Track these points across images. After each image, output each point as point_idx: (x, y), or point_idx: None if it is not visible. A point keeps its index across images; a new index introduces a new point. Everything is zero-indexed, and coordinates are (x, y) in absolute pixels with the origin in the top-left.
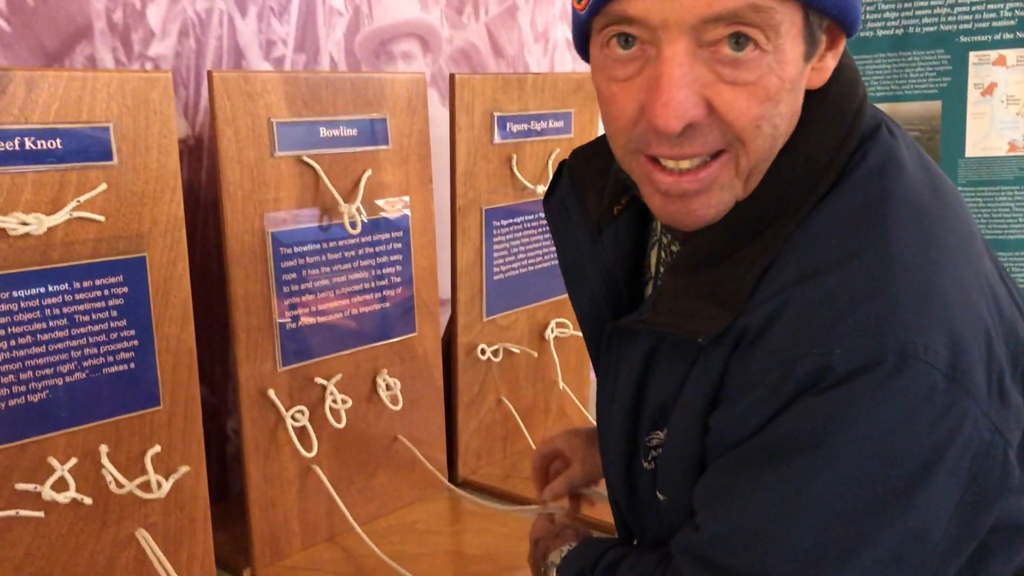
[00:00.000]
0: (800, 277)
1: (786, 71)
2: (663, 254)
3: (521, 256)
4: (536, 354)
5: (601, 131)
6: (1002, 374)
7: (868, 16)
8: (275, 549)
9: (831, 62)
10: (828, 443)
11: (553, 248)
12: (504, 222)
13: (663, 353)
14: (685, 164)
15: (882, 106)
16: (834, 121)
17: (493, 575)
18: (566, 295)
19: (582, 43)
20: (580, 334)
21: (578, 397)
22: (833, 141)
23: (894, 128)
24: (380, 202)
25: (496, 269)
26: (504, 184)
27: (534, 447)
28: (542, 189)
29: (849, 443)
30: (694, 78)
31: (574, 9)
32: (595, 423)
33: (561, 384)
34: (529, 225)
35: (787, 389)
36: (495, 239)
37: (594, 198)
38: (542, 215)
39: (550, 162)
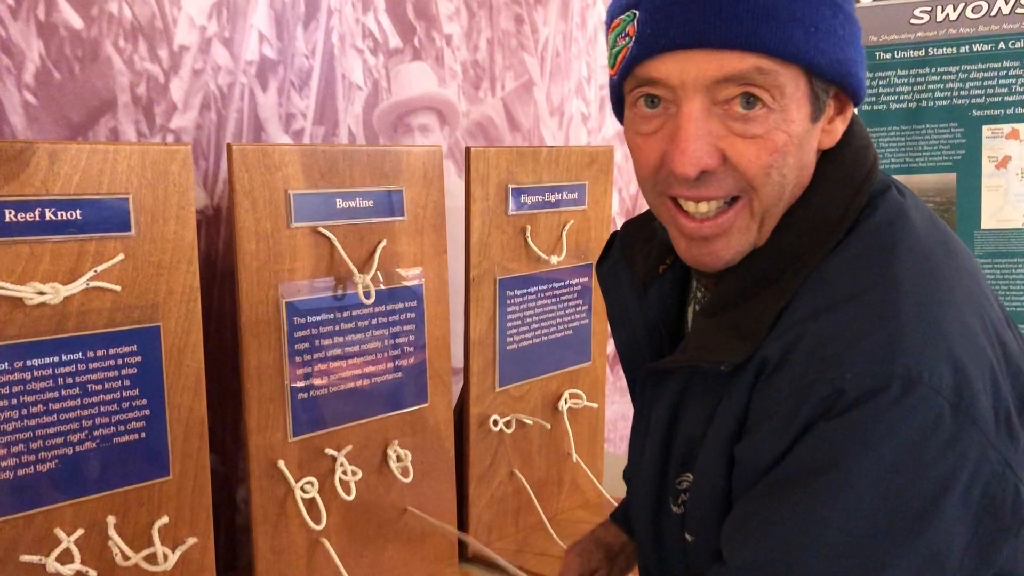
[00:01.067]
0: (814, 312)
1: (792, 128)
2: (697, 307)
3: (535, 326)
4: (549, 426)
5: (617, 203)
6: (1008, 412)
7: (881, 89)
8: None
9: (840, 126)
10: (842, 466)
11: (566, 319)
12: (518, 292)
13: (693, 392)
14: (704, 208)
15: (897, 178)
16: (846, 179)
17: None
18: (580, 366)
19: (617, 106)
20: (594, 406)
21: (591, 470)
22: (845, 197)
23: (904, 190)
24: (395, 272)
25: (510, 339)
26: (518, 255)
27: (547, 521)
28: (556, 259)
29: (862, 466)
30: (708, 131)
31: (609, 76)
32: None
33: (575, 456)
34: (543, 295)
35: (803, 414)
36: (509, 309)
37: (641, 261)
38: (556, 285)
39: (564, 232)
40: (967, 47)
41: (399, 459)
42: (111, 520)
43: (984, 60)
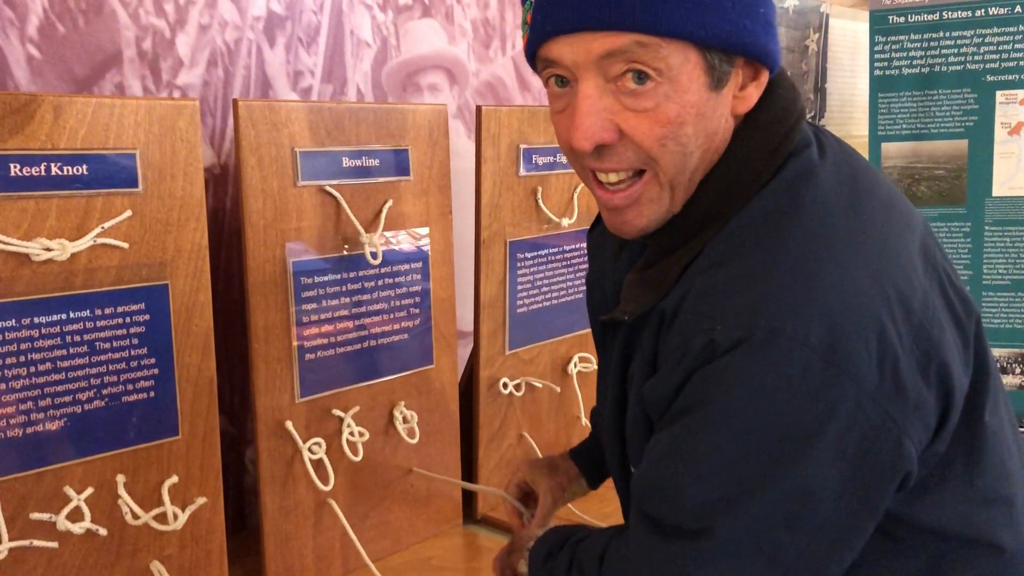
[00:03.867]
0: (705, 268)
1: (686, 98)
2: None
3: (545, 289)
4: (559, 388)
5: None
6: (896, 367)
7: (894, 54)
8: None
9: (754, 91)
10: (707, 405)
11: (577, 282)
12: (528, 255)
13: (637, 340)
14: (613, 178)
15: (907, 144)
16: (761, 142)
17: None
18: (589, 330)
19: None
20: None
21: None
22: (760, 159)
23: (828, 147)
24: (400, 233)
25: (520, 302)
26: (529, 217)
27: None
28: (567, 222)
29: (729, 404)
30: (603, 107)
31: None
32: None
33: (584, 419)
34: (553, 258)
35: (687, 362)
36: (519, 272)
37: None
38: (567, 248)
39: (575, 195)
40: (982, 10)
41: (405, 420)
42: (121, 479)
43: (1000, 24)
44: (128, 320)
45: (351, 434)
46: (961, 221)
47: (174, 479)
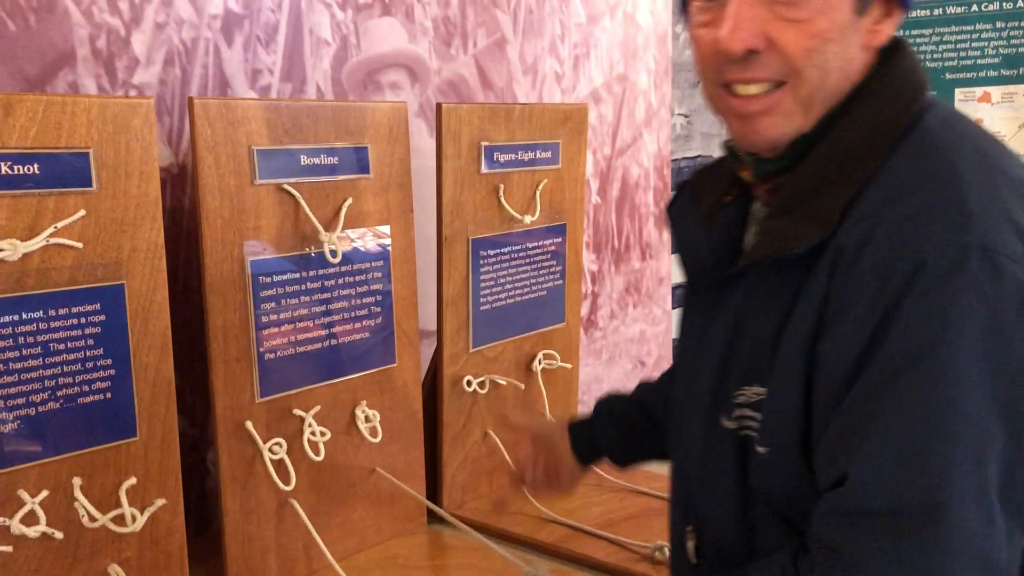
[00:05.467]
0: (886, 200)
1: (835, 15)
2: (756, 228)
3: (508, 287)
4: (523, 386)
5: (591, 165)
6: None
7: None
8: None
9: (887, 29)
10: (941, 343)
11: (540, 279)
12: (491, 252)
13: (759, 296)
14: (753, 89)
15: None
16: (904, 85)
17: None
18: (554, 327)
19: (682, 6)
20: (568, 366)
21: None
22: (903, 101)
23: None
24: (360, 231)
25: (483, 299)
26: (491, 214)
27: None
28: (530, 219)
29: (961, 341)
30: (754, 15)
31: None
32: None
33: (548, 416)
34: (516, 256)
35: (888, 292)
36: (482, 269)
37: (708, 196)
38: (529, 245)
39: (537, 192)
40: (940, 9)
41: (367, 419)
42: (77, 481)
43: (957, 23)
44: (83, 321)
45: (312, 434)
46: None
47: (132, 481)
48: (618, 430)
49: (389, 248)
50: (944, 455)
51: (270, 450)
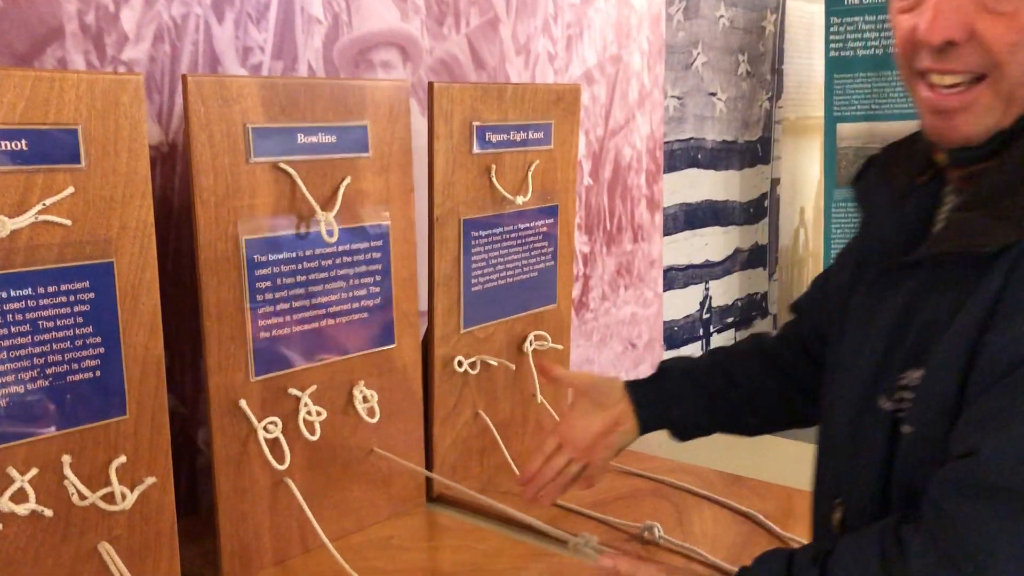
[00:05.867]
0: None
1: None
2: (948, 210)
3: (500, 267)
4: (514, 367)
5: (583, 146)
6: None
7: (848, 36)
8: (245, 563)
9: None
10: None
11: (531, 260)
12: (483, 233)
13: (935, 285)
14: (948, 80)
15: (861, 125)
16: None
17: None
18: (545, 308)
19: None
20: (559, 347)
21: (556, 411)
22: None
23: None
24: (359, 211)
25: (474, 280)
26: (483, 195)
27: (511, 462)
28: (522, 200)
29: None
30: (958, 5)
31: None
32: None
33: (539, 398)
34: (508, 236)
35: None
36: (473, 250)
37: (900, 174)
38: (521, 226)
39: (530, 173)
40: None
41: (365, 400)
42: (66, 459)
43: None
44: (72, 298)
45: (308, 413)
46: None
47: (122, 459)
48: (696, 394)
49: (388, 228)
50: None
51: (265, 429)
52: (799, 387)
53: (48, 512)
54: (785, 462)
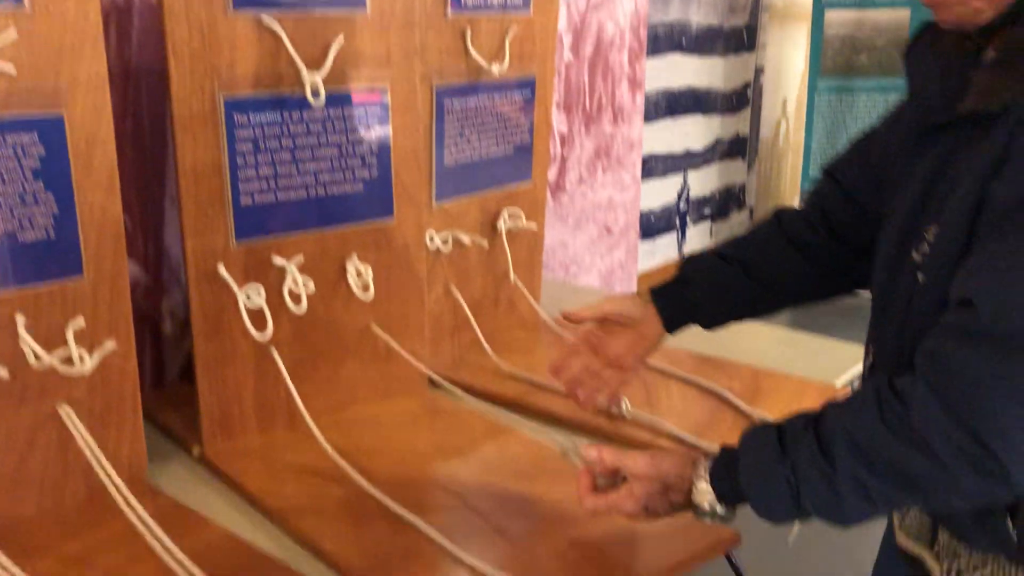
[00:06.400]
0: None
1: None
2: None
3: (474, 140)
4: (487, 245)
5: (564, 19)
6: None
7: None
8: (227, 429)
9: None
10: None
11: (507, 134)
12: (456, 102)
13: (961, 145)
14: None
15: (849, 13)
16: None
17: (450, 476)
18: (520, 185)
19: None
20: (533, 226)
21: (528, 290)
22: None
23: None
24: (354, 73)
25: (447, 152)
26: (457, 61)
27: (483, 339)
28: (497, 68)
29: None
30: None
31: None
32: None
33: (512, 277)
34: (483, 107)
35: None
36: (446, 120)
37: (949, 41)
38: (497, 97)
39: (507, 41)
40: None
41: (359, 274)
42: (20, 319)
43: None
44: (20, 152)
45: (294, 283)
46: (899, 93)
47: (80, 322)
48: (716, 295)
49: (388, 94)
50: None
51: (246, 295)
52: (818, 265)
53: (3, 372)
54: (755, 343)
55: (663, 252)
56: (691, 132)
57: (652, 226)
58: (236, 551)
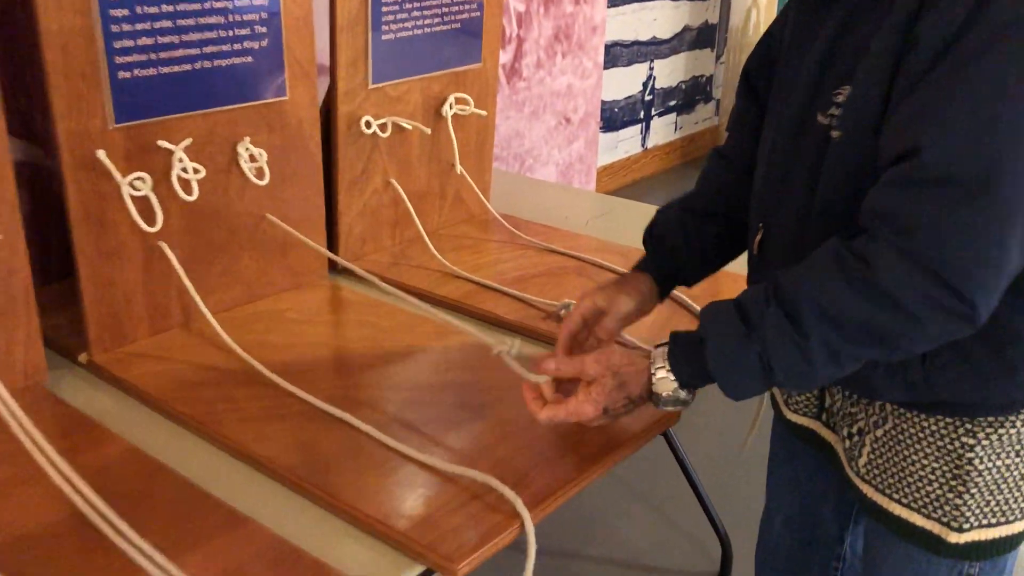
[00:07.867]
0: None
1: None
2: None
3: (416, 14)
4: (430, 131)
5: None
6: None
7: None
8: (116, 333)
9: None
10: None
11: (454, 8)
12: None
13: (863, 8)
14: None
15: None
16: None
17: (360, 370)
18: (469, 67)
19: None
20: (483, 113)
21: (477, 183)
22: None
23: None
24: None
25: (385, 27)
26: None
27: (424, 235)
28: None
29: None
30: None
31: None
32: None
33: (459, 168)
34: None
35: None
36: None
37: None
38: None
39: None
40: None
41: (253, 159)
42: None
43: None
44: None
45: (184, 170)
46: None
47: None
48: (691, 253)
49: None
50: (1007, 134)
51: (131, 185)
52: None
53: None
54: None
55: (625, 146)
56: (658, 18)
57: (615, 118)
58: (141, 468)
